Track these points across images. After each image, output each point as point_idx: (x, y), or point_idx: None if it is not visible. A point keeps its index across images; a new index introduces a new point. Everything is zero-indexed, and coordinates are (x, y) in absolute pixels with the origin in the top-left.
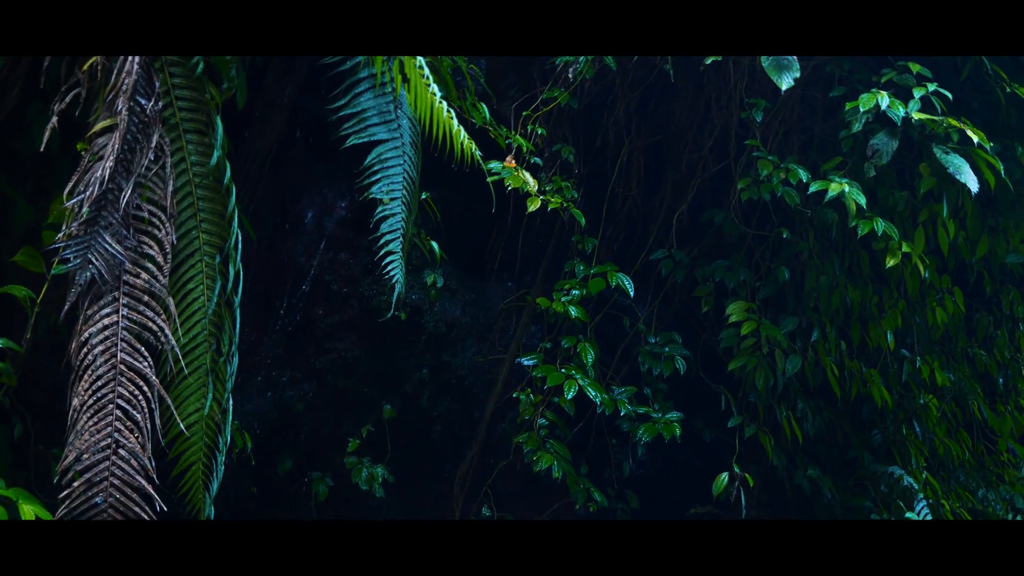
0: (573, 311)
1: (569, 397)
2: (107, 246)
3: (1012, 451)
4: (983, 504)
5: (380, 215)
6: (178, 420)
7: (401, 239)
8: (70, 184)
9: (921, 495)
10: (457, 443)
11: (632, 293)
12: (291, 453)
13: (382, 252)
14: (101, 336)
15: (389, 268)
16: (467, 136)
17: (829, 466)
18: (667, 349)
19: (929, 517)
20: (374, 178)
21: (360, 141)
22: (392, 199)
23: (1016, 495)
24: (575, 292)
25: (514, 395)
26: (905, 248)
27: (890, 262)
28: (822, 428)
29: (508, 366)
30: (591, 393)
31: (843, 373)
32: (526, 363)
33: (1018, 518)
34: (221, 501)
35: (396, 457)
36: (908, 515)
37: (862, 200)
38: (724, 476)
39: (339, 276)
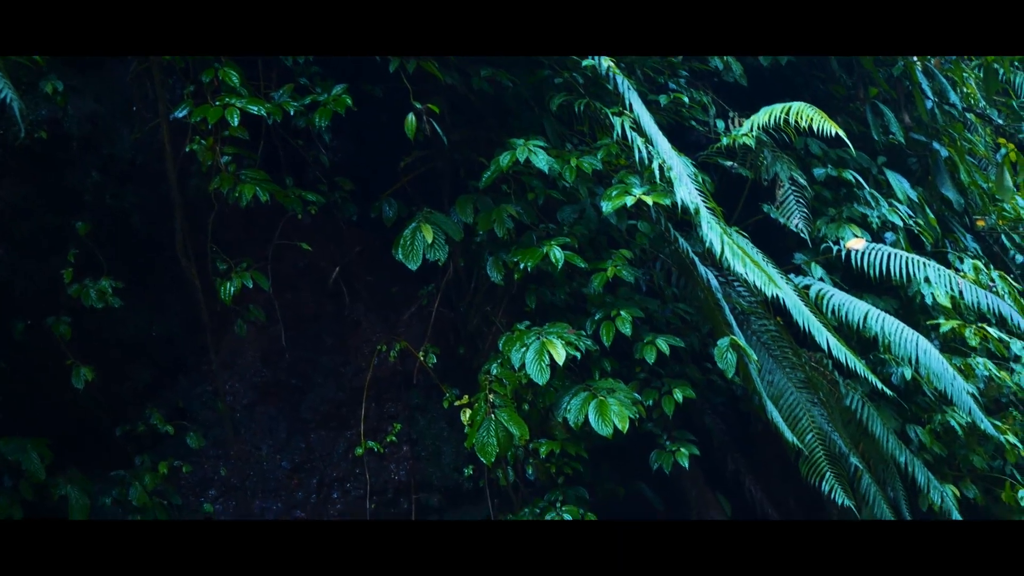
0: None
1: (236, 123)
2: None
3: None
4: None
5: None
6: None
7: None
8: None
9: None
10: (162, 222)
11: None
12: (17, 317)
13: None
14: None
15: None
16: None
17: None
18: None
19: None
20: None
21: None
22: None
23: None
24: None
25: (187, 149)
26: None
27: None
28: None
29: (166, 126)
30: (254, 109)
31: None
32: (180, 115)
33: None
34: None
35: (112, 266)
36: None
37: None
38: (411, 117)
39: None
